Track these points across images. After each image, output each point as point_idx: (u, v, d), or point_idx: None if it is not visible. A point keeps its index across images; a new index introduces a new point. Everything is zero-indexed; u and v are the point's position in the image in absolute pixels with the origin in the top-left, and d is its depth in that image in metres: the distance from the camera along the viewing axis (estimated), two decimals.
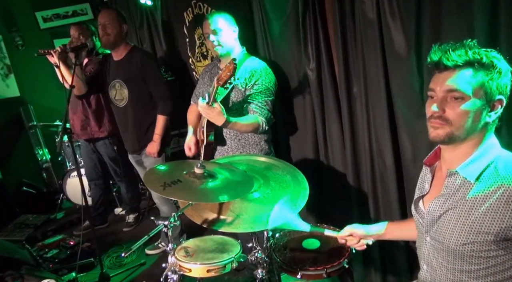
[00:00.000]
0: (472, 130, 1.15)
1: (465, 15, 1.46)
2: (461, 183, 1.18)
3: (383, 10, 1.74)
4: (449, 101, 1.14)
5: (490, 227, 1.11)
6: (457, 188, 1.18)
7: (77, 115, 3.49)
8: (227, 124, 2.11)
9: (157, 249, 3.25)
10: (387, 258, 2.17)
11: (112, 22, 2.85)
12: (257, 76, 2.27)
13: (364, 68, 1.94)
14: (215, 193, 1.66)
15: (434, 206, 1.24)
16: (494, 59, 1.12)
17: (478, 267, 1.17)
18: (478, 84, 1.11)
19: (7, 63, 4.77)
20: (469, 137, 1.16)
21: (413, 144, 1.83)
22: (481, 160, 1.16)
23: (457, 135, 1.15)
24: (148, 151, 2.97)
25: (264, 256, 1.85)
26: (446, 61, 1.13)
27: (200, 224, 1.74)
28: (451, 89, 1.13)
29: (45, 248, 3.24)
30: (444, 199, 1.21)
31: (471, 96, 1.12)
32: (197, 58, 3.56)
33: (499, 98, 1.13)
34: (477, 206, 1.13)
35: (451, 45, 1.14)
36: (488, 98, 1.12)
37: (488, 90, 1.11)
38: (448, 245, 1.20)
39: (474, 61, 1.11)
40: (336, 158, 2.35)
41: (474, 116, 1.13)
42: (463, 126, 1.14)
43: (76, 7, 4.93)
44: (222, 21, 2.32)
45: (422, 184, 1.36)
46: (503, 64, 1.12)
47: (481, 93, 1.12)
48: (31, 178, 4.76)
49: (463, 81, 1.12)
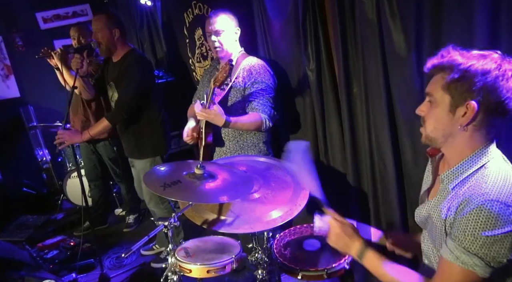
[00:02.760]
0: (446, 134, 1.14)
1: (465, 14, 1.46)
2: (443, 188, 1.19)
3: (383, 11, 1.75)
4: (428, 104, 1.18)
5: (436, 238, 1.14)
6: (440, 193, 1.20)
7: (77, 117, 3.49)
8: (228, 124, 2.11)
9: (151, 250, 3.27)
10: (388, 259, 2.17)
11: (101, 30, 2.73)
12: (256, 74, 2.27)
13: (364, 68, 1.94)
14: (215, 194, 1.66)
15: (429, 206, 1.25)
16: (465, 61, 1.07)
17: None
18: (443, 88, 1.11)
19: (7, 64, 4.78)
20: (449, 141, 1.16)
21: (413, 144, 1.83)
22: (465, 168, 1.14)
23: (434, 138, 1.17)
24: (61, 136, 2.73)
25: (264, 256, 1.84)
26: (430, 67, 1.16)
27: (200, 224, 1.73)
28: (427, 93, 1.17)
29: (45, 249, 3.24)
30: (433, 201, 1.23)
31: (440, 100, 1.12)
32: (197, 59, 3.56)
33: (468, 102, 1.07)
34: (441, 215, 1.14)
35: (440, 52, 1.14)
36: (453, 102, 1.10)
37: (452, 94, 1.10)
38: (434, 245, 1.22)
39: (445, 66, 1.11)
40: (336, 158, 2.35)
41: (440, 120, 1.14)
42: (435, 129, 1.16)
43: (76, 7, 4.93)
44: (226, 21, 2.30)
45: (428, 178, 1.36)
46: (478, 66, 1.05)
47: (447, 97, 1.11)
48: (31, 179, 4.75)
49: (435, 86, 1.13)
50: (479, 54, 1.09)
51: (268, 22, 2.55)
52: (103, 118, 2.79)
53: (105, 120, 2.77)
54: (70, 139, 2.75)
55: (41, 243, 3.35)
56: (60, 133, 2.72)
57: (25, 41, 4.80)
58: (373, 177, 2.08)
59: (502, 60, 1.07)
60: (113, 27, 2.75)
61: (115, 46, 2.80)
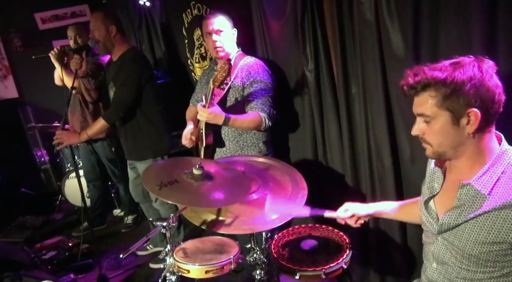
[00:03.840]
0: (455, 145, 1.15)
1: (463, 15, 1.47)
2: (475, 194, 1.17)
3: (381, 11, 1.75)
4: (423, 124, 1.18)
5: (506, 236, 1.11)
6: (472, 200, 1.17)
7: (75, 117, 3.49)
8: (228, 121, 2.11)
9: (146, 250, 3.27)
10: (386, 259, 2.17)
11: (98, 27, 2.72)
12: (254, 73, 2.27)
13: (362, 69, 1.95)
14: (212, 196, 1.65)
15: (449, 218, 1.23)
16: (450, 73, 1.08)
17: (494, 269, 1.17)
18: (438, 106, 1.11)
19: (6, 64, 4.77)
20: (461, 150, 1.16)
21: (411, 144, 1.84)
22: (493, 171, 1.14)
23: (443, 152, 1.18)
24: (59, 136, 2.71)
25: (262, 257, 1.84)
26: (408, 90, 1.16)
27: (199, 225, 1.73)
28: (419, 114, 1.17)
29: (43, 250, 3.23)
30: (459, 211, 1.20)
31: (437, 118, 1.12)
32: (196, 59, 3.56)
33: (469, 110, 1.08)
34: (494, 217, 1.12)
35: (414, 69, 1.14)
36: (454, 115, 1.10)
37: (450, 109, 1.10)
38: (463, 250, 1.20)
39: (429, 83, 1.10)
40: (334, 159, 2.35)
41: (447, 135, 1.14)
42: (443, 144, 1.16)
43: (74, 8, 4.93)
44: (224, 22, 2.31)
45: (431, 184, 1.34)
46: (463, 75, 1.07)
47: (445, 113, 1.11)
48: (30, 180, 4.75)
49: (427, 105, 1.13)
50: (452, 63, 1.10)
51: (267, 22, 2.55)
52: (100, 117, 2.78)
53: (102, 119, 2.76)
54: (69, 139, 2.74)
55: (40, 243, 3.34)
56: (59, 133, 2.72)
57: (23, 41, 4.80)
58: (372, 177, 2.08)
59: (478, 61, 1.09)
60: (110, 24, 2.73)
61: (112, 43, 2.77)
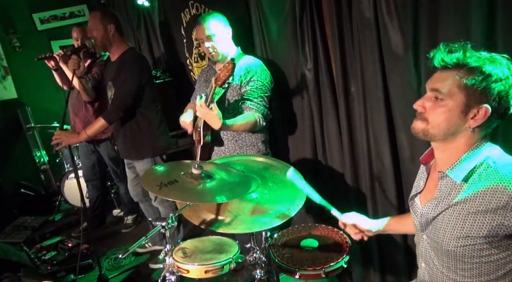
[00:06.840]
0: (450, 132, 1.14)
1: (462, 14, 1.46)
2: (452, 185, 1.18)
3: (380, 10, 1.75)
4: (432, 100, 1.16)
5: (480, 228, 1.10)
6: (449, 191, 1.19)
7: (79, 117, 3.48)
8: (224, 127, 2.10)
9: (144, 248, 3.28)
10: (386, 258, 2.17)
11: (95, 26, 2.71)
12: (252, 73, 2.27)
13: (361, 67, 1.94)
14: (212, 194, 1.65)
15: (428, 208, 1.25)
16: (486, 65, 1.07)
17: (471, 266, 1.17)
18: (459, 88, 1.10)
19: (5, 65, 4.76)
20: (450, 139, 1.16)
21: (411, 143, 1.83)
22: (469, 161, 1.14)
23: (432, 134, 1.17)
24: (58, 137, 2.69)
25: (262, 256, 1.84)
26: (437, 62, 1.14)
27: (198, 224, 1.73)
28: (434, 89, 1.15)
29: (43, 250, 3.24)
30: (437, 201, 1.22)
31: (451, 98, 1.11)
32: (194, 59, 3.56)
33: (481, 106, 1.08)
34: (468, 207, 1.12)
35: (450, 46, 1.13)
36: (467, 103, 1.10)
37: (468, 96, 1.09)
38: (441, 245, 1.21)
39: (462, 64, 1.09)
40: (334, 158, 2.35)
41: (450, 119, 1.13)
42: (440, 126, 1.15)
43: (73, 8, 4.92)
44: (216, 24, 2.29)
45: (418, 182, 1.38)
46: (497, 72, 1.07)
47: (461, 98, 1.10)
48: (29, 180, 4.75)
49: (447, 83, 1.12)
50: (490, 57, 1.09)
51: (266, 21, 2.55)
52: (100, 117, 2.76)
53: (101, 119, 2.74)
54: (68, 139, 2.73)
55: (39, 244, 3.35)
56: (57, 134, 2.71)
57: (22, 42, 4.80)
58: (371, 176, 2.08)
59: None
60: (108, 23, 2.72)
61: (110, 42, 2.76)
